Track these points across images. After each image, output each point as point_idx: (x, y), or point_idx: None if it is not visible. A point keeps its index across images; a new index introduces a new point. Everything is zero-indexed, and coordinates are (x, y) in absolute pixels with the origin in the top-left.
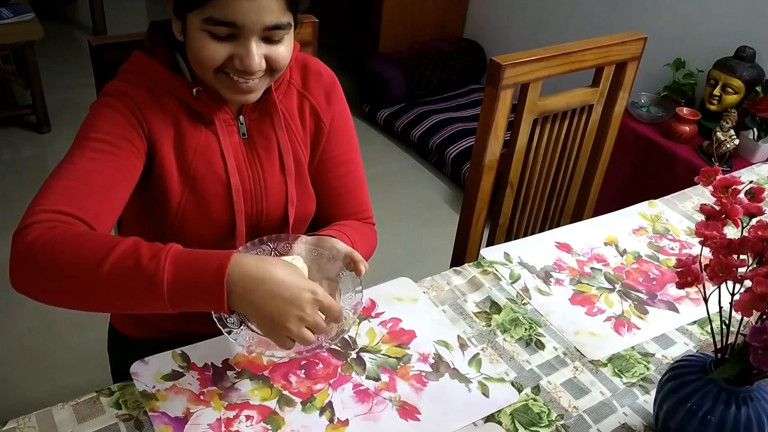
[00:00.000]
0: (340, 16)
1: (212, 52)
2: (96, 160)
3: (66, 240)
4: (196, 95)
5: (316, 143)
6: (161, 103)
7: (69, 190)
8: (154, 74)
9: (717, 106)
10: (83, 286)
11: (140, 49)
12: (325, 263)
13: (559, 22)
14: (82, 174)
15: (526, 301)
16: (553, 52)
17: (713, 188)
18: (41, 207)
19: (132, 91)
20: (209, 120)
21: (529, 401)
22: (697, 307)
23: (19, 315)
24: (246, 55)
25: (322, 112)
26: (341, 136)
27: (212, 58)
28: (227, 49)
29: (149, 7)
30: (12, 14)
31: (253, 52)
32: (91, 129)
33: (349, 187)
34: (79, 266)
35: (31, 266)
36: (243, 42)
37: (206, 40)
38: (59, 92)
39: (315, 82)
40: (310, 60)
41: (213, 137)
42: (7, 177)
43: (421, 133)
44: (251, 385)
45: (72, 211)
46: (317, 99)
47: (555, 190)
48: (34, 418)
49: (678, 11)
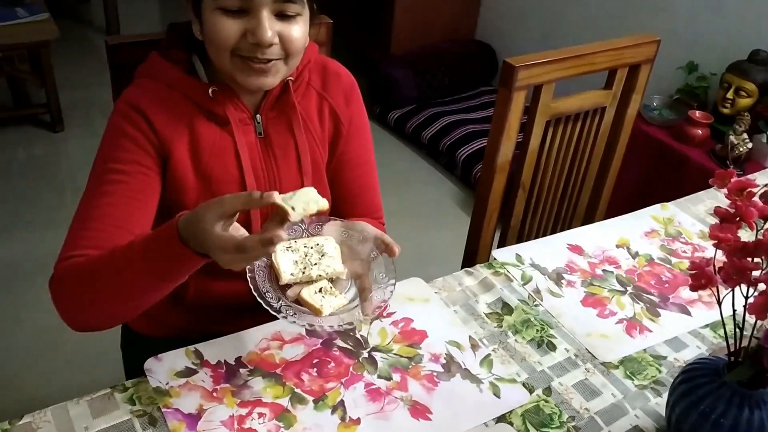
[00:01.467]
0: (353, 18)
1: (226, 30)
2: (110, 194)
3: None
4: (212, 95)
5: (334, 144)
6: (175, 107)
7: (87, 233)
8: (168, 77)
9: (730, 110)
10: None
11: (158, 50)
12: (356, 244)
13: (571, 25)
14: (97, 213)
15: (538, 303)
16: (566, 54)
17: (728, 191)
18: (63, 256)
19: (143, 100)
20: (225, 120)
21: (541, 402)
22: (710, 311)
23: (34, 312)
24: (258, 27)
25: (341, 113)
26: (359, 138)
27: (226, 36)
28: (240, 25)
29: (162, 7)
30: (27, 14)
31: (264, 23)
32: (103, 160)
33: (364, 188)
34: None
35: (72, 311)
36: (254, 15)
37: (219, 19)
38: (73, 91)
39: (334, 84)
40: (329, 62)
41: (228, 138)
42: (20, 175)
43: (432, 134)
44: (264, 382)
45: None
46: (336, 100)
47: (567, 192)
48: (49, 412)
49: (691, 14)
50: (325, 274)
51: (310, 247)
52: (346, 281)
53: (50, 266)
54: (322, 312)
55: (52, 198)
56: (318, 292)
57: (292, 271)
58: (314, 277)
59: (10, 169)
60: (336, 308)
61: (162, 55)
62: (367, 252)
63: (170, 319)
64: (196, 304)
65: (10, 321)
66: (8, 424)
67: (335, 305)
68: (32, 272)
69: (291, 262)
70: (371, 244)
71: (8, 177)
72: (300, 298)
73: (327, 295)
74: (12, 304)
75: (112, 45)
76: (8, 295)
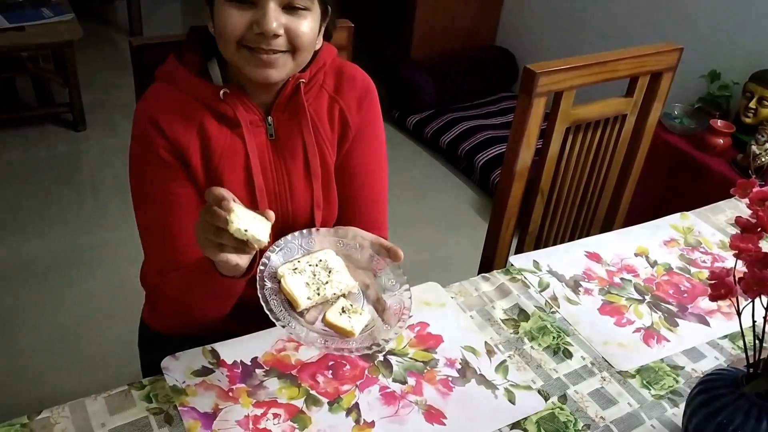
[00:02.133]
0: (373, 22)
1: (233, 21)
2: (166, 215)
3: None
4: (222, 97)
5: (340, 146)
6: (186, 112)
7: (162, 253)
8: (179, 80)
9: (752, 119)
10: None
11: (176, 53)
12: (354, 253)
13: (591, 32)
14: (164, 231)
15: (555, 310)
16: (588, 61)
17: (749, 201)
18: (152, 282)
19: (157, 110)
20: (236, 122)
21: (556, 410)
22: (729, 321)
23: (52, 310)
24: (263, 17)
25: (351, 117)
26: (367, 145)
27: (233, 27)
28: (247, 17)
29: (185, 9)
30: (52, 14)
31: (269, 14)
32: (143, 192)
33: (367, 200)
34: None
35: (170, 328)
36: (261, 6)
37: (228, 10)
38: (95, 91)
39: (348, 87)
40: (346, 65)
41: (239, 140)
42: (42, 173)
43: (451, 139)
44: (279, 383)
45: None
46: (347, 104)
47: (586, 199)
48: (67, 408)
49: (714, 22)
50: (339, 291)
51: (314, 264)
52: (358, 294)
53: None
54: (354, 333)
55: (73, 196)
56: (342, 312)
57: (307, 295)
58: (329, 297)
59: (32, 167)
60: (363, 325)
61: (177, 58)
62: (367, 259)
63: None
64: None
65: (30, 317)
66: (27, 419)
67: (362, 323)
68: (51, 269)
69: (302, 285)
70: (369, 250)
71: (30, 175)
72: (327, 323)
73: (352, 314)
74: (32, 301)
75: (136, 46)
76: (28, 292)
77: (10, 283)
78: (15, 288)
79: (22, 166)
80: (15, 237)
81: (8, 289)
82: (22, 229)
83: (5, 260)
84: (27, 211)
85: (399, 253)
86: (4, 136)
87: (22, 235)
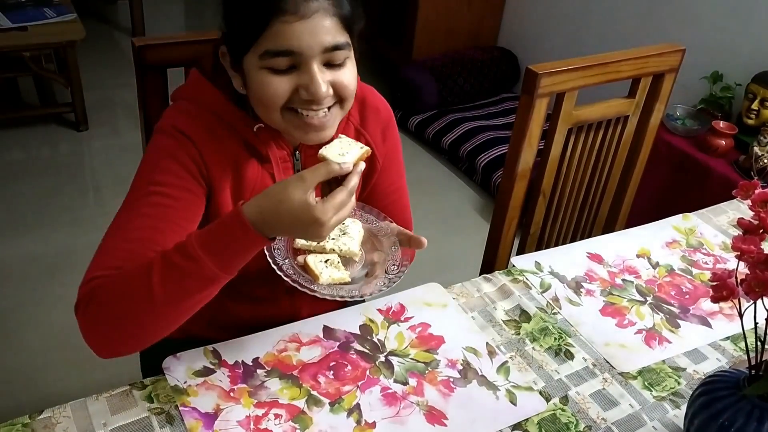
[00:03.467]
0: (375, 23)
1: (275, 88)
2: (151, 216)
3: (108, 297)
4: (256, 132)
5: (368, 179)
6: (222, 142)
7: (119, 252)
8: (217, 105)
9: (755, 121)
10: (150, 318)
11: (197, 69)
12: (381, 237)
13: (594, 33)
14: (133, 234)
15: (556, 311)
16: (590, 62)
17: (752, 202)
18: (89, 277)
19: (192, 128)
20: (266, 158)
21: (557, 411)
22: (731, 323)
23: (53, 309)
24: (311, 82)
25: (378, 150)
26: (392, 168)
27: (276, 95)
28: (290, 82)
29: (187, 9)
30: (55, 14)
31: (317, 77)
32: (147, 176)
33: (396, 211)
34: (135, 308)
35: (101, 336)
36: (305, 70)
37: (267, 77)
38: (98, 91)
39: (373, 120)
40: (368, 93)
41: (268, 175)
42: (44, 173)
43: (453, 140)
44: (280, 384)
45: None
46: (373, 137)
47: (588, 200)
48: (69, 408)
49: (717, 23)
50: (338, 249)
51: None
52: (359, 264)
53: (71, 263)
54: (319, 279)
55: (75, 196)
56: (324, 262)
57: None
58: (327, 249)
59: (34, 166)
60: (335, 281)
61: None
62: (389, 245)
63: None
64: (215, 321)
65: (32, 317)
66: (28, 418)
67: (335, 278)
68: (53, 269)
69: None
70: (394, 238)
71: (32, 174)
72: (305, 263)
73: (331, 267)
74: (34, 301)
75: (139, 46)
76: (30, 292)
77: (11, 283)
78: (16, 288)
79: (24, 165)
80: (16, 236)
81: (9, 288)
82: (24, 228)
83: (6, 260)
84: (28, 210)
85: (422, 241)
86: (6, 135)
87: (24, 234)
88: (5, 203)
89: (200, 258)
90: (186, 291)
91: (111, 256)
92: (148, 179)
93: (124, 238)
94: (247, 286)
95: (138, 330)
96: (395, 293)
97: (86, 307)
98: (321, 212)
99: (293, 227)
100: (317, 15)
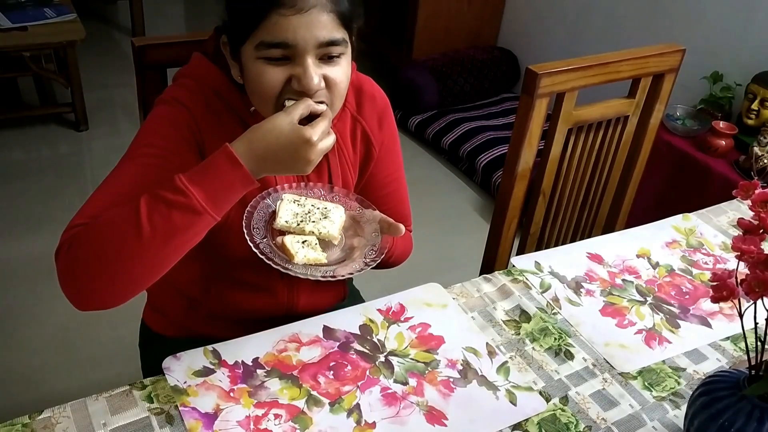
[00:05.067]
0: (375, 23)
1: (269, 78)
2: (141, 172)
3: (92, 235)
4: (252, 114)
5: (365, 167)
6: (220, 117)
7: (106, 202)
8: (216, 83)
9: (755, 121)
10: (135, 256)
11: (201, 52)
12: (364, 223)
13: (594, 33)
14: (123, 185)
15: (556, 311)
16: (590, 62)
17: (752, 202)
18: (73, 223)
19: (192, 102)
20: None
21: (557, 411)
22: (731, 323)
23: (53, 310)
24: (303, 74)
25: (374, 137)
26: (389, 157)
27: (270, 84)
28: (284, 73)
29: (187, 9)
30: (55, 14)
31: (310, 70)
32: (142, 139)
33: (393, 203)
34: (120, 245)
35: (81, 281)
36: (299, 62)
37: (262, 68)
38: (98, 91)
39: (369, 107)
40: (365, 82)
41: None
42: (45, 173)
43: (453, 140)
44: (280, 384)
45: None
46: (370, 124)
47: (588, 200)
48: (68, 408)
49: (717, 24)
50: (317, 232)
51: (316, 207)
52: (338, 248)
53: None
54: (293, 258)
55: (75, 196)
56: (301, 242)
57: (288, 219)
58: (306, 231)
59: (34, 166)
60: (310, 261)
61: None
62: (370, 232)
63: (188, 323)
64: (213, 313)
65: (32, 317)
66: (28, 418)
67: (311, 258)
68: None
69: (291, 213)
70: (376, 225)
71: (32, 174)
72: (282, 243)
73: (308, 247)
74: (34, 301)
75: (139, 46)
76: (30, 292)
77: (11, 283)
78: (16, 287)
79: (25, 166)
80: (17, 236)
81: (9, 288)
82: (24, 228)
83: (7, 260)
84: (29, 210)
85: (400, 227)
86: (6, 135)
87: (24, 234)
88: (5, 203)
89: (188, 190)
90: (173, 226)
91: (96, 206)
92: (143, 141)
93: (111, 191)
94: (243, 272)
95: (121, 272)
96: (395, 293)
97: (67, 250)
98: (311, 132)
99: (282, 155)
100: (314, 10)
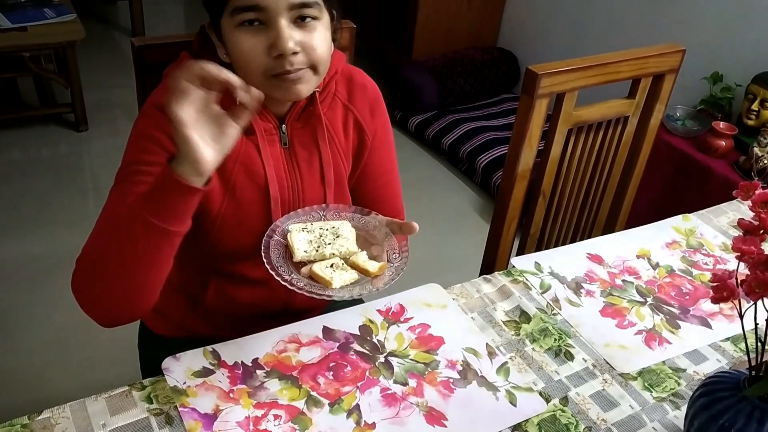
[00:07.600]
0: (375, 23)
1: (249, 46)
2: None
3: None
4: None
5: (358, 156)
6: None
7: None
8: None
9: (755, 121)
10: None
11: (189, 51)
12: (372, 230)
13: (594, 33)
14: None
15: (556, 312)
16: (590, 63)
17: (752, 203)
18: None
19: None
20: (250, 129)
21: (557, 412)
22: (731, 324)
23: (53, 310)
24: (278, 37)
25: (366, 125)
26: (383, 148)
27: (252, 53)
28: (263, 42)
29: (186, 10)
30: (55, 14)
31: (283, 33)
32: (128, 160)
33: (386, 195)
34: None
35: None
36: (273, 26)
37: (242, 37)
38: (97, 92)
39: (360, 96)
40: (355, 72)
41: (253, 147)
42: (44, 173)
43: (453, 140)
44: (280, 384)
45: None
46: (362, 112)
47: (588, 201)
48: (68, 408)
49: (717, 24)
50: (338, 252)
51: (325, 229)
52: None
53: (71, 263)
54: (331, 284)
55: (75, 196)
56: (329, 267)
57: (305, 249)
58: (327, 255)
59: (34, 167)
60: (346, 282)
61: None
62: (383, 236)
63: (187, 322)
64: (213, 310)
65: (31, 317)
66: (27, 419)
67: (346, 279)
68: (54, 270)
69: (305, 242)
70: (385, 228)
71: (32, 175)
72: (311, 273)
73: (338, 270)
74: (33, 301)
75: (138, 46)
76: (30, 292)
77: (10, 283)
78: (16, 288)
79: (24, 166)
80: (16, 237)
81: (9, 289)
82: (24, 229)
83: (6, 260)
84: (28, 211)
85: (413, 225)
86: (6, 136)
87: (24, 235)
88: (5, 203)
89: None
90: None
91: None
92: (128, 161)
93: (106, 217)
94: (240, 267)
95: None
96: (395, 294)
97: (76, 280)
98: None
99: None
100: None
